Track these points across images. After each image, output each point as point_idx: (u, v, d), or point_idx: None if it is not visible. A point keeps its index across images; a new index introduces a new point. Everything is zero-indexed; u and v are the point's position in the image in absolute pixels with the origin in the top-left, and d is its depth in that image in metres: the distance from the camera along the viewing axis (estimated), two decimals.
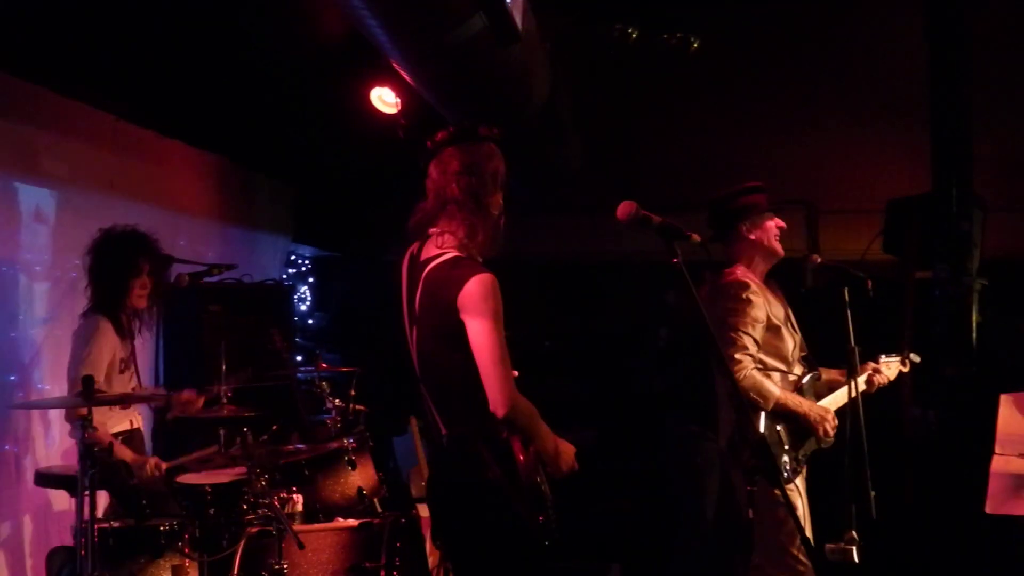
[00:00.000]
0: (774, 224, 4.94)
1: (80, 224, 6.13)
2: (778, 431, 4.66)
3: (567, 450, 3.73)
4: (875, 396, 5.00)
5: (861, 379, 4.81)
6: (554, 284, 10.63)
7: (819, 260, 4.86)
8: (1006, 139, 8.12)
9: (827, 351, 4.96)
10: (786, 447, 4.66)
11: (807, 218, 9.61)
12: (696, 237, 3.42)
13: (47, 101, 5.99)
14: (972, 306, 6.23)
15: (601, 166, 9.23)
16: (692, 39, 7.16)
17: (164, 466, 5.26)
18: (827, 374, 5.00)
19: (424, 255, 3.63)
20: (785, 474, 4.58)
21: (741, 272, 4.85)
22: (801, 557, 4.68)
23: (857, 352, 4.52)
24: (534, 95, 6.21)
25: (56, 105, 6.06)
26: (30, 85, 5.80)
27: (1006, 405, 4.80)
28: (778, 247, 4.94)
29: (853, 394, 4.65)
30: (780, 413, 4.67)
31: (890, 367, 5.12)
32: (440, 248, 3.59)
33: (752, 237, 4.90)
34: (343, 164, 8.80)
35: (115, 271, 5.37)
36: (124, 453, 5.18)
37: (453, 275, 3.49)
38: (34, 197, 6.04)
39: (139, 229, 5.52)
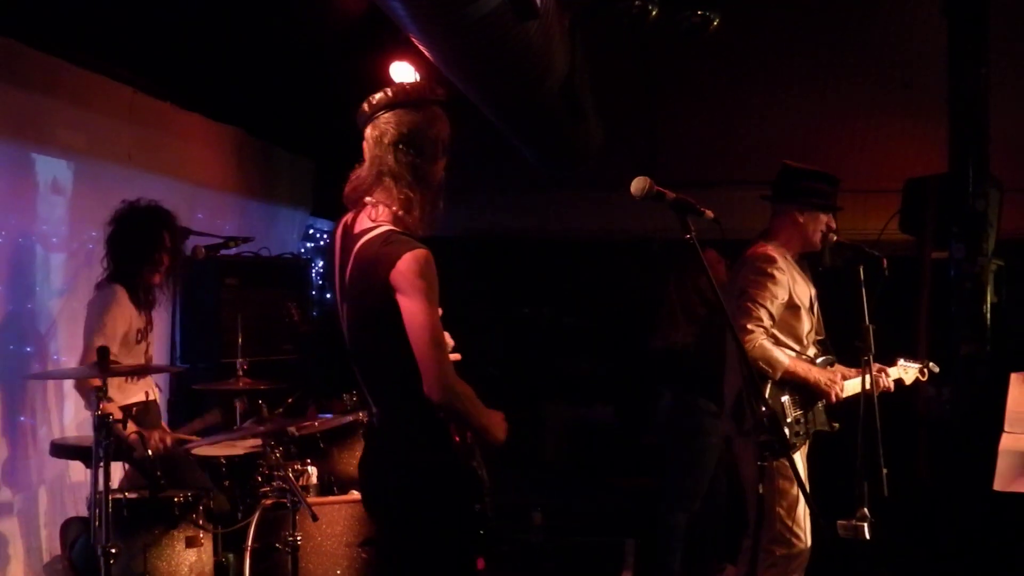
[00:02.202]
0: (826, 220, 4.94)
1: (97, 196, 6.15)
2: (782, 402, 4.67)
3: (497, 420, 3.49)
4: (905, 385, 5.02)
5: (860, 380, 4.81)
6: (575, 261, 10.65)
7: (835, 238, 4.86)
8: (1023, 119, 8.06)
9: (843, 330, 4.95)
10: (788, 420, 4.67)
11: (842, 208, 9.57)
12: (710, 213, 3.42)
13: (65, 72, 5.99)
14: (987, 286, 6.22)
15: (621, 143, 9.21)
16: (712, 17, 7.11)
17: (169, 439, 5.28)
18: (838, 367, 4.99)
19: (357, 227, 3.42)
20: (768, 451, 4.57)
21: (772, 247, 4.85)
22: (796, 529, 4.70)
23: (872, 330, 4.51)
24: (553, 71, 6.18)
25: (74, 77, 6.07)
26: (48, 56, 5.81)
27: (1016, 384, 4.79)
28: (817, 241, 4.94)
29: (868, 371, 4.66)
30: (788, 382, 4.67)
31: (907, 372, 5.12)
32: (374, 221, 3.39)
33: (800, 220, 4.91)
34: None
35: (136, 244, 5.39)
36: (129, 427, 5.19)
37: (384, 252, 3.28)
38: (51, 168, 6.05)
39: (162, 206, 5.53)
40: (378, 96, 3.46)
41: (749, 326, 4.62)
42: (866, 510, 4.28)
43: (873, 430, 4.38)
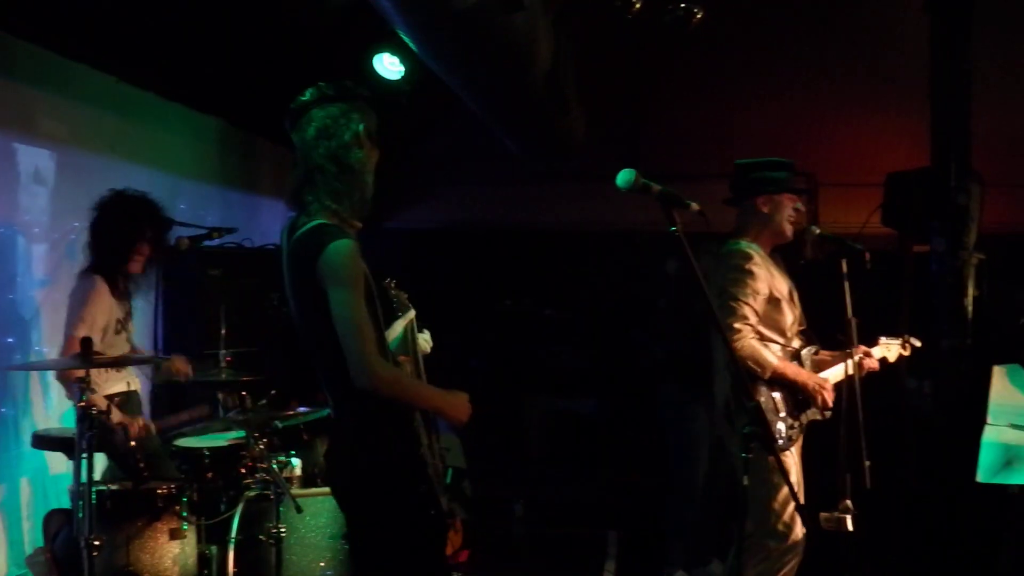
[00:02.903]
0: (792, 205, 4.94)
1: (80, 186, 6.12)
2: (774, 398, 4.68)
3: (458, 399, 3.60)
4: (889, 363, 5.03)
5: (846, 365, 4.84)
6: (557, 253, 10.65)
7: (818, 231, 4.88)
8: (1006, 114, 8.11)
9: (826, 323, 4.97)
10: (781, 414, 4.69)
11: (803, 183, 9.61)
12: (695, 206, 3.42)
13: (48, 61, 5.96)
14: (969, 279, 6.25)
15: (605, 136, 9.22)
16: (696, 10, 7.12)
17: (153, 428, 5.28)
18: (822, 354, 5.01)
19: (296, 225, 3.52)
20: (780, 441, 4.60)
21: (745, 244, 4.86)
22: (790, 523, 4.72)
23: (855, 323, 4.53)
24: (537, 63, 6.19)
25: (57, 66, 6.04)
26: (31, 45, 5.78)
27: (998, 376, 4.82)
28: (788, 229, 4.93)
29: (850, 366, 4.68)
30: (778, 382, 4.69)
31: (890, 349, 5.14)
32: (309, 216, 3.48)
33: (765, 211, 4.91)
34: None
35: (117, 234, 5.36)
36: (113, 415, 5.18)
37: (313, 244, 3.39)
38: (33, 158, 6.02)
39: (149, 196, 5.51)
40: (297, 101, 3.57)
41: (736, 325, 4.63)
42: (849, 502, 4.31)
43: (856, 423, 4.40)
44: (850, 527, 4.28)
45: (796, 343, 4.93)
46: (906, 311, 6.94)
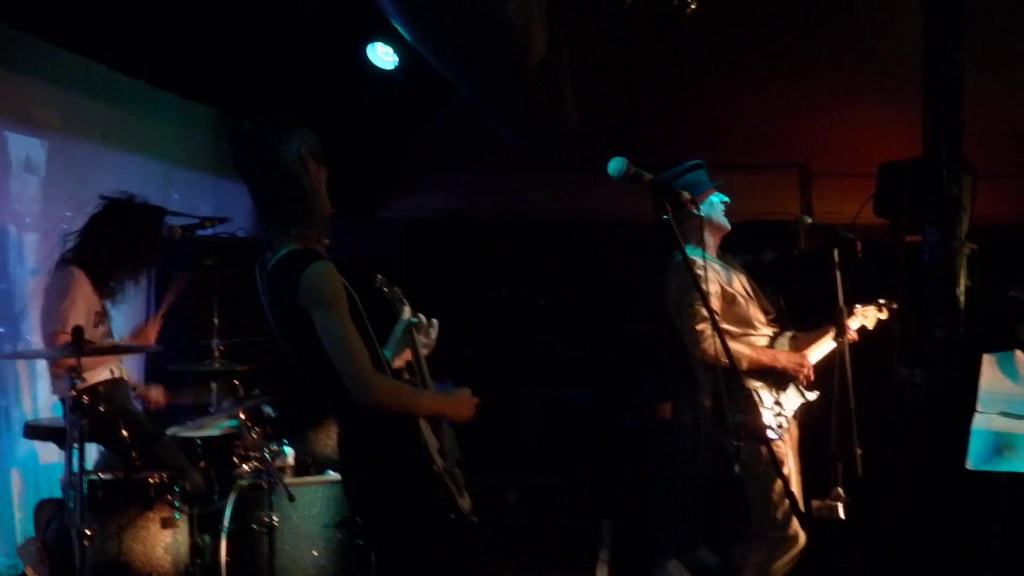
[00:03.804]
0: (719, 200, 4.97)
1: (71, 175, 6.11)
2: (756, 388, 4.69)
3: (460, 398, 3.63)
4: (863, 356, 5.02)
5: (829, 339, 4.85)
6: (552, 243, 10.65)
7: (809, 221, 4.88)
8: (998, 105, 8.11)
9: (817, 312, 4.97)
10: (766, 405, 4.70)
11: (800, 181, 9.63)
12: (686, 195, 3.43)
13: (39, 50, 5.95)
14: (961, 270, 6.26)
15: (599, 126, 9.21)
16: (690, 1, 7.12)
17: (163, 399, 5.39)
18: (801, 338, 5.02)
19: (265, 258, 3.50)
20: (771, 431, 4.61)
21: (689, 250, 4.88)
22: (791, 515, 4.73)
23: (846, 312, 4.54)
24: (531, 53, 6.18)
25: (48, 54, 6.03)
26: (22, 34, 5.76)
27: (988, 365, 4.84)
28: (725, 221, 4.99)
29: (829, 342, 4.71)
30: (756, 371, 4.70)
31: (867, 315, 5.14)
32: (276, 247, 3.46)
33: (697, 213, 4.91)
34: (338, 120, 8.79)
35: (113, 243, 5.31)
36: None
37: (288, 273, 3.37)
38: (24, 147, 6.01)
39: (155, 206, 5.47)
40: (233, 137, 3.57)
41: (698, 327, 4.66)
42: (840, 490, 4.31)
43: (847, 411, 4.41)
44: (841, 515, 4.29)
45: (768, 331, 4.95)
46: (897, 301, 6.94)
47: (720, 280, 4.84)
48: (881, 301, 5.19)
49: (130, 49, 6.47)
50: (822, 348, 4.89)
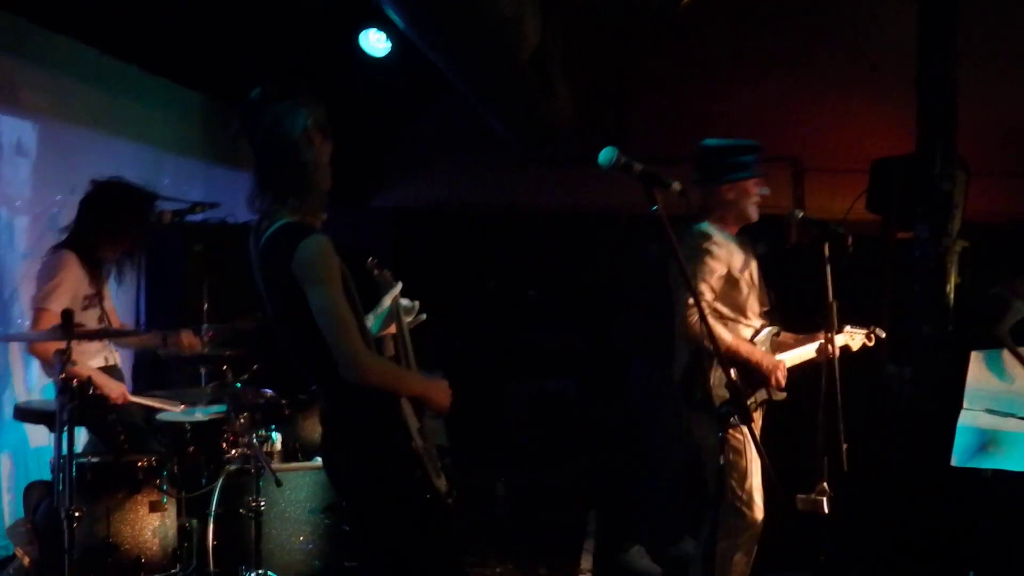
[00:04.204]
0: (757, 190, 4.95)
1: (62, 159, 6.10)
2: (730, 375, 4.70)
3: (439, 386, 3.63)
4: (851, 352, 5.05)
5: (813, 347, 4.86)
6: (542, 235, 10.67)
7: (801, 215, 4.88)
8: (992, 102, 8.13)
9: (806, 307, 4.98)
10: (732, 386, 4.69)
11: (793, 176, 9.65)
12: (677, 186, 3.43)
13: (30, 33, 5.94)
14: (951, 267, 6.27)
15: (591, 118, 9.23)
16: None
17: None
18: (785, 336, 5.03)
19: (261, 228, 3.49)
20: (734, 418, 4.62)
21: (708, 224, 4.88)
22: (747, 500, 4.76)
23: (835, 307, 4.54)
24: (524, 43, 6.18)
25: (39, 37, 6.01)
26: (13, 16, 5.75)
27: (975, 362, 4.85)
28: (752, 213, 4.96)
29: (812, 350, 4.71)
30: (731, 360, 4.71)
31: (854, 338, 5.14)
32: (272, 218, 3.46)
33: (731, 197, 4.92)
34: (330, 109, 8.78)
35: (103, 222, 5.30)
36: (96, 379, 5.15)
37: (282, 245, 3.37)
38: (16, 130, 6.00)
39: (147, 190, 5.45)
40: (243, 103, 3.54)
41: (690, 301, 4.66)
42: (825, 485, 4.33)
43: (834, 405, 4.42)
44: (826, 509, 4.31)
45: (757, 323, 4.96)
46: (887, 297, 6.96)
47: (730, 262, 4.84)
48: (874, 329, 5.19)
49: (122, 34, 6.46)
50: (799, 354, 4.89)
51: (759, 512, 4.82)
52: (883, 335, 5.24)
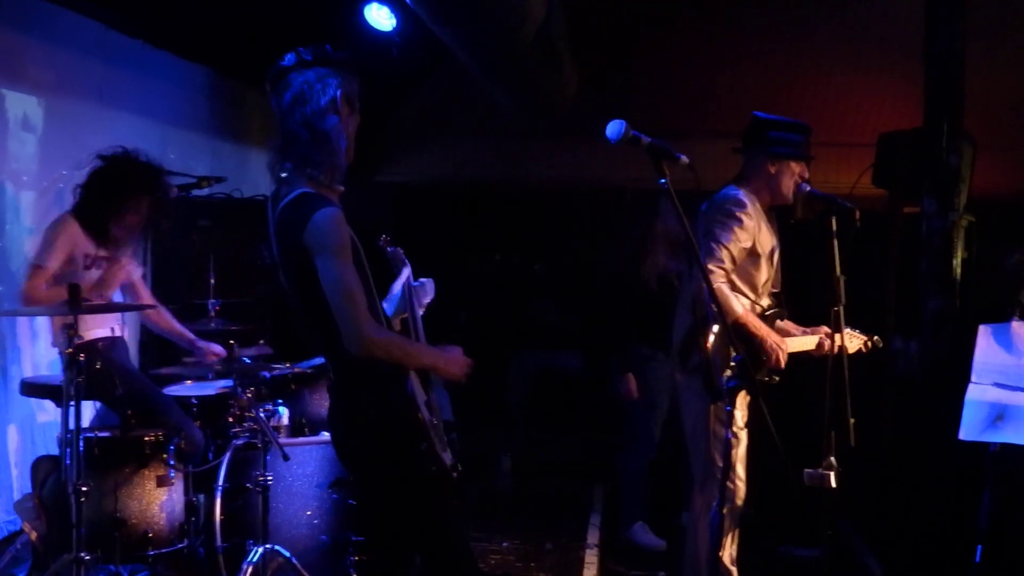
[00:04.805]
0: (799, 171, 4.92)
1: (68, 134, 6.09)
2: (728, 349, 4.69)
3: (452, 355, 3.61)
4: (857, 327, 5.03)
5: (813, 339, 4.85)
6: (547, 209, 10.66)
7: (808, 188, 4.86)
8: (999, 76, 8.10)
9: (810, 282, 4.97)
10: (731, 364, 4.69)
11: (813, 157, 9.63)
12: (685, 159, 3.41)
13: (35, 8, 5.92)
14: (958, 241, 6.26)
15: (597, 93, 9.19)
16: None
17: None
18: (787, 324, 5.02)
19: (279, 195, 3.49)
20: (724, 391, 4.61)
21: (744, 192, 4.86)
22: (730, 473, 4.77)
23: (843, 281, 4.52)
24: (529, 17, 6.16)
25: (44, 12, 5.99)
26: None
27: (984, 336, 4.83)
28: (788, 194, 4.92)
29: (840, 323, 4.70)
30: (738, 332, 4.70)
31: (852, 341, 5.10)
32: (291, 186, 3.45)
33: (772, 171, 4.90)
34: None
35: (105, 196, 5.26)
36: None
37: (297, 215, 3.36)
38: (22, 105, 5.99)
39: (153, 164, 5.40)
40: (275, 65, 3.52)
41: (710, 266, 4.64)
42: (833, 459, 4.32)
43: (841, 380, 4.41)
44: (833, 484, 4.30)
45: (765, 302, 4.95)
46: (893, 272, 6.96)
47: (757, 236, 4.82)
48: (873, 338, 5.16)
49: (127, 8, 6.44)
50: (802, 342, 4.88)
51: (743, 486, 4.86)
52: (880, 345, 5.21)
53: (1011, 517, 4.96)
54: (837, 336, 4.54)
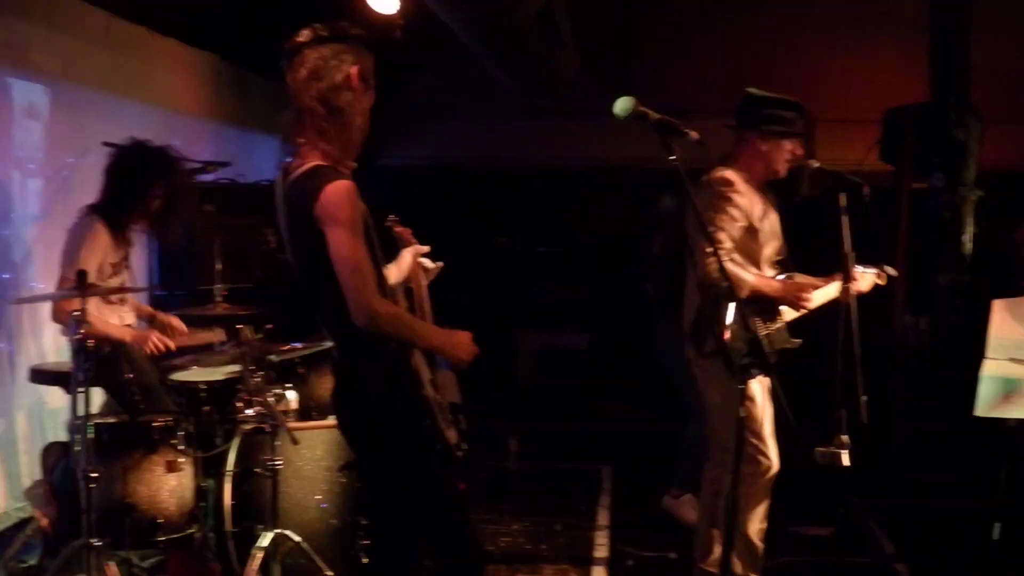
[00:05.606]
0: (791, 148, 4.89)
1: (73, 121, 6.07)
2: (753, 321, 4.67)
3: (460, 339, 3.55)
4: (867, 303, 5.00)
5: (835, 285, 4.81)
6: (550, 189, 10.64)
7: (816, 165, 4.83)
8: (1006, 50, 8.06)
9: (818, 259, 4.95)
10: (747, 336, 4.67)
11: (804, 126, 9.57)
12: (694, 134, 3.39)
13: None
14: (967, 216, 6.23)
15: (598, 71, 9.17)
16: None
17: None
18: (801, 277, 4.98)
19: (290, 169, 3.48)
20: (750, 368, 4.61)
21: (732, 171, 4.83)
22: (763, 448, 4.76)
23: (852, 257, 4.50)
24: None
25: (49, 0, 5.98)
26: None
27: (998, 310, 4.78)
28: (781, 169, 4.88)
29: (835, 289, 4.68)
30: (756, 299, 4.68)
31: (864, 278, 5.07)
32: (303, 159, 3.45)
33: (763, 148, 4.86)
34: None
35: (128, 188, 5.25)
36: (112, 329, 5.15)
37: (309, 186, 3.35)
38: (27, 92, 5.98)
39: (170, 151, 5.39)
40: (291, 40, 3.51)
41: (708, 248, 4.61)
42: (844, 437, 4.31)
43: (851, 357, 4.39)
44: (845, 462, 4.29)
45: (770, 273, 4.92)
46: (901, 248, 6.92)
47: (750, 211, 4.79)
48: (884, 268, 5.13)
49: None
50: (826, 291, 4.86)
51: (775, 458, 4.81)
52: (894, 273, 5.16)
53: None
54: (851, 285, 4.52)
